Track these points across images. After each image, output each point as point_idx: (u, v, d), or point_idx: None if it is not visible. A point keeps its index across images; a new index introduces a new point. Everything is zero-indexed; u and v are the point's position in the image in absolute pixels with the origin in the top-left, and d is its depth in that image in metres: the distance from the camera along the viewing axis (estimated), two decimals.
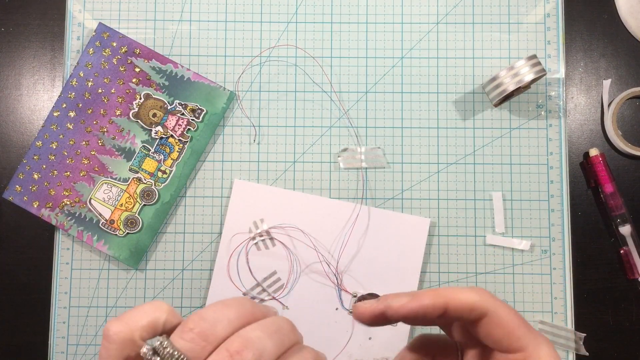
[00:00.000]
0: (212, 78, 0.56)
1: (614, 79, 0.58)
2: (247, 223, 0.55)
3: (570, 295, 0.55)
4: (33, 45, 0.58)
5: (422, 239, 0.54)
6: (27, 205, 0.54)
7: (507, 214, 0.56)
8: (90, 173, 0.55)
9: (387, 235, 0.54)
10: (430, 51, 0.57)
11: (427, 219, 0.55)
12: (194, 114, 0.55)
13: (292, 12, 0.57)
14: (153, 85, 0.55)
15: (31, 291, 0.56)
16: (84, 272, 0.55)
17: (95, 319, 0.55)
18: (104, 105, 0.55)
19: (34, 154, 0.55)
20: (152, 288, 0.55)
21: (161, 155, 0.55)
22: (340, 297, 0.54)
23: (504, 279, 0.55)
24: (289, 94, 0.57)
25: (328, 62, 0.57)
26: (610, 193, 0.55)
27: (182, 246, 0.55)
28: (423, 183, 0.56)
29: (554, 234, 0.55)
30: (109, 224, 0.54)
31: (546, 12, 0.57)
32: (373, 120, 0.56)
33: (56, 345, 0.55)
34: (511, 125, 0.56)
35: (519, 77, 0.52)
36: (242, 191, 0.55)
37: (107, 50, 0.56)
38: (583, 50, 0.58)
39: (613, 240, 0.56)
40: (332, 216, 0.55)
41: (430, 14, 0.57)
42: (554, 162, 0.56)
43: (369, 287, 0.54)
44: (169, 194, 0.55)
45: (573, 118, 0.57)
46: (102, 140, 0.55)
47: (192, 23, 0.57)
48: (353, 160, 0.56)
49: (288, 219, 0.55)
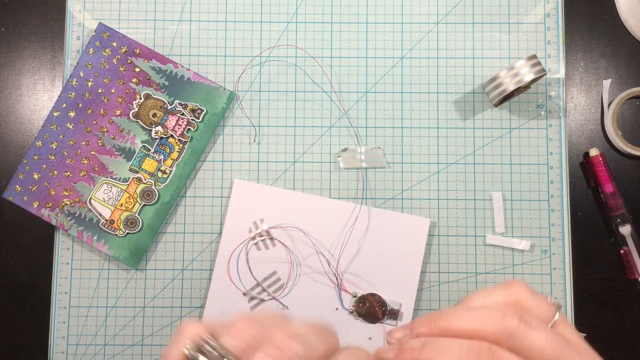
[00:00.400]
0: (212, 78, 0.56)
1: (614, 79, 0.58)
2: (247, 223, 0.55)
3: (570, 295, 0.55)
4: (33, 45, 0.58)
5: (422, 239, 0.54)
6: (27, 205, 0.54)
7: (507, 214, 0.56)
8: (90, 173, 0.55)
9: (387, 235, 0.54)
10: (430, 51, 0.57)
11: (427, 219, 0.55)
12: (194, 114, 0.55)
13: (292, 12, 0.57)
14: (153, 85, 0.55)
15: (31, 291, 0.56)
16: (84, 272, 0.55)
17: (95, 319, 0.55)
18: (104, 105, 0.55)
19: (34, 154, 0.55)
20: (152, 288, 0.55)
21: (161, 155, 0.55)
22: (340, 297, 0.54)
23: (504, 279, 0.55)
24: (289, 94, 0.57)
25: (328, 62, 0.57)
26: (610, 193, 0.55)
27: (182, 246, 0.55)
28: (423, 183, 0.56)
29: (554, 234, 0.55)
30: (109, 224, 0.54)
31: (546, 12, 0.57)
32: (373, 120, 0.56)
33: (56, 345, 0.55)
34: (511, 125, 0.56)
35: (519, 77, 0.52)
36: (242, 191, 0.55)
37: (107, 50, 0.56)
38: (583, 50, 0.58)
39: (613, 240, 0.56)
40: (332, 216, 0.55)
41: (430, 14, 0.57)
42: (554, 162, 0.56)
43: (369, 287, 0.54)
44: (169, 194, 0.55)
45: (573, 118, 0.57)
46: (102, 140, 0.55)
47: (192, 23, 0.57)
48: (353, 160, 0.56)
49: (288, 219, 0.55)
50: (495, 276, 0.55)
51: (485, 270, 0.55)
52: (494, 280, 0.55)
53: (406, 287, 0.54)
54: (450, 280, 0.55)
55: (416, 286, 0.54)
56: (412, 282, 0.54)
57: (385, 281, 0.54)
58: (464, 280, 0.55)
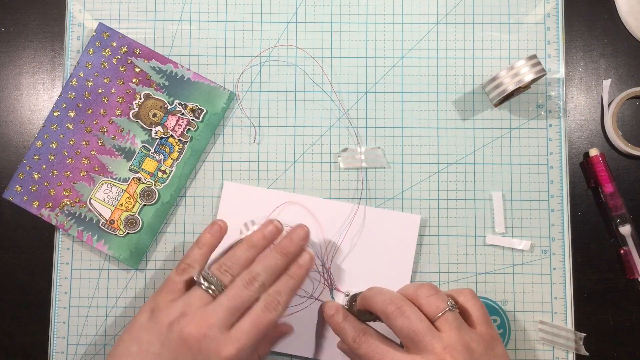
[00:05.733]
0: (212, 78, 0.56)
1: (614, 79, 0.58)
2: (238, 225, 0.55)
3: (570, 295, 0.55)
4: (33, 45, 0.58)
5: (413, 236, 0.54)
6: (27, 205, 0.54)
7: (507, 214, 0.56)
8: (90, 173, 0.55)
9: (378, 233, 0.54)
10: (430, 51, 0.57)
11: (417, 216, 0.55)
12: (194, 114, 0.55)
13: (292, 12, 0.57)
14: (153, 85, 0.55)
15: (31, 291, 0.56)
16: (84, 272, 0.55)
17: (95, 319, 0.55)
18: (104, 105, 0.55)
19: (34, 154, 0.55)
20: (152, 288, 0.55)
21: (161, 155, 0.55)
22: (333, 297, 0.54)
23: (504, 279, 0.55)
24: (289, 94, 0.57)
25: (328, 62, 0.57)
26: (610, 193, 0.55)
27: (182, 246, 0.55)
28: (423, 183, 0.56)
29: (554, 234, 0.55)
30: (109, 224, 0.54)
31: (546, 12, 0.57)
32: (373, 120, 0.56)
33: (56, 345, 0.55)
34: (511, 125, 0.56)
35: (519, 77, 0.52)
36: (232, 193, 0.55)
37: (107, 50, 0.56)
38: (583, 50, 0.58)
39: (613, 240, 0.56)
40: (323, 216, 0.55)
41: (430, 14, 0.57)
42: (554, 162, 0.56)
43: (362, 285, 0.53)
44: (169, 194, 0.55)
45: (573, 118, 0.57)
46: (102, 140, 0.55)
47: (192, 23, 0.57)
48: (353, 160, 0.56)
49: (279, 220, 0.55)
50: (495, 276, 0.55)
51: (485, 270, 0.55)
52: (494, 280, 0.55)
53: (399, 284, 0.54)
54: (450, 281, 0.55)
55: (409, 282, 0.54)
56: (404, 279, 0.54)
57: (379, 279, 0.54)
58: (464, 280, 0.55)
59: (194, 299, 0.46)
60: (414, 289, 0.46)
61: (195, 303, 0.46)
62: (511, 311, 0.54)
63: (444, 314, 0.43)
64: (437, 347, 0.42)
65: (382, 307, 0.45)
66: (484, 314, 0.45)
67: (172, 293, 0.47)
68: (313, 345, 0.53)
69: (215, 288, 0.46)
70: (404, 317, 0.43)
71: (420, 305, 0.45)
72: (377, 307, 0.45)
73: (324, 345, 0.53)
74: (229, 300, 0.46)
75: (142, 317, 0.47)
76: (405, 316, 0.43)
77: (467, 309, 0.45)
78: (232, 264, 0.48)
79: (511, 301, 0.55)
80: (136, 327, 0.46)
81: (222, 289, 0.47)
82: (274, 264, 0.49)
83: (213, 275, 0.47)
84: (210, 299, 0.46)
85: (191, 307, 0.45)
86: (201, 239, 0.51)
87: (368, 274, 0.54)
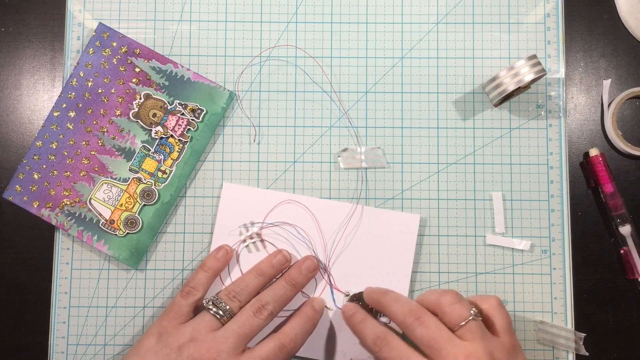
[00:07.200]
0: (212, 78, 0.56)
1: (614, 79, 0.58)
2: (238, 226, 0.55)
3: (570, 295, 0.55)
4: (33, 45, 0.58)
5: (413, 236, 0.54)
6: (27, 205, 0.54)
7: (507, 214, 0.56)
8: (90, 173, 0.55)
9: (378, 233, 0.54)
10: (430, 51, 0.57)
11: (417, 215, 0.55)
12: (194, 114, 0.55)
13: (292, 12, 0.57)
14: (153, 85, 0.55)
15: (31, 291, 0.56)
16: (84, 272, 0.55)
17: (95, 319, 0.55)
18: (104, 105, 0.55)
19: (34, 154, 0.55)
20: (152, 288, 0.55)
21: (161, 155, 0.55)
22: (333, 297, 0.54)
23: (504, 279, 0.55)
24: (289, 94, 0.57)
25: (328, 62, 0.57)
26: (610, 193, 0.55)
27: (182, 246, 0.55)
28: (423, 183, 0.56)
29: (554, 234, 0.55)
30: (109, 224, 0.54)
31: (546, 12, 0.57)
32: (373, 120, 0.56)
33: (56, 345, 0.55)
34: (511, 125, 0.56)
35: (519, 77, 0.52)
36: (231, 194, 0.55)
37: (107, 50, 0.56)
38: (583, 50, 0.58)
39: (613, 240, 0.56)
40: (323, 216, 0.55)
41: (430, 14, 0.57)
42: (554, 162, 0.56)
43: (362, 285, 0.53)
44: (169, 194, 0.55)
45: (573, 118, 0.57)
46: (102, 140, 0.55)
47: (192, 23, 0.57)
48: (353, 160, 0.56)
49: (278, 220, 0.55)
50: (495, 276, 0.55)
51: (485, 270, 0.55)
52: (494, 280, 0.55)
53: (399, 284, 0.54)
54: (450, 281, 0.55)
55: (409, 283, 0.54)
56: (404, 278, 0.54)
57: (378, 279, 0.54)
58: (464, 280, 0.55)
59: (202, 324, 0.47)
60: (437, 296, 0.46)
61: (205, 328, 0.47)
62: (511, 311, 0.54)
63: (467, 323, 0.43)
64: (459, 355, 0.41)
65: (401, 318, 0.45)
66: (509, 324, 0.45)
67: (179, 317, 0.48)
68: (315, 345, 0.53)
69: (223, 314, 0.48)
70: (424, 327, 0.43)
71: (442, 313, 0.45)
72: (396, 317, 0.46)
73: (327, 347, 0.53)
74: (239, 327, 0.47)
75: (149, 340, 0.47)
76: (425, 325, 0.43)
77: (492, 317, 0.45)
78: (240, 291, 0.49)
79: (511, 301, 0.55)
80: (143, 350, 0.47)
81: (230, 315, 0.48)
82: (283, 294, 0.50)
83: (222, 300, 0.48)
84: (218, 324, 0.47)
85: (200, 332, 0.46)
86: (207, 262, 0.52)
87: (368, 273, 0.54)
